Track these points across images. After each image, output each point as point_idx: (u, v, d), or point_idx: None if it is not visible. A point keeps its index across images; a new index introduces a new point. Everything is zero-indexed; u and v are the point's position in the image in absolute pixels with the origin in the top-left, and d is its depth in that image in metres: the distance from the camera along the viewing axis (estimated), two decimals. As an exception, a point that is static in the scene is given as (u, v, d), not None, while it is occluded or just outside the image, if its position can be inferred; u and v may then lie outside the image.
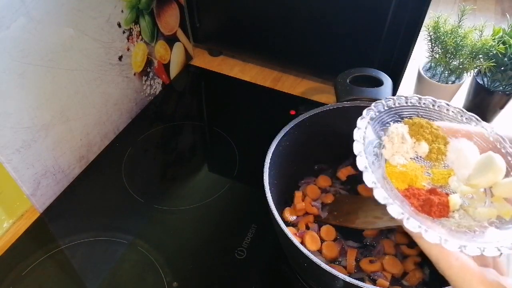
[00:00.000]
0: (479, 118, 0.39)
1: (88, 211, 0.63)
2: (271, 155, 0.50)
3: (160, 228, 0.61)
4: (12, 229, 0.61)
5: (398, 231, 0.55)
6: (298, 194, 0.58)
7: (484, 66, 0.67)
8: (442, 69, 0.73)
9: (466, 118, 0.39)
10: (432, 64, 0.74)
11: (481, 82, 0.72)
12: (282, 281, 0.55)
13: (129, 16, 0.69)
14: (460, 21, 0.68)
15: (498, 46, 0.66)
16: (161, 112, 0.80)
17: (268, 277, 0.56)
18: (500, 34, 0.68)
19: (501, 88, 0.71)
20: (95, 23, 0.62)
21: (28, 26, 0.51)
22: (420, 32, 0.66)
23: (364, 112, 0.38)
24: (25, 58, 0.52)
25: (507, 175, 0.34)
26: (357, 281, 0.39)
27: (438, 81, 0.73)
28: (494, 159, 0.34)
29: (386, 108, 0.39)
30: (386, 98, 0.39)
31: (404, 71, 0.72)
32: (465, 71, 0.71)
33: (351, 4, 0.68)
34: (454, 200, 0.35)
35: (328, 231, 0.54)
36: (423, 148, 0.38)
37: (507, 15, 0.81)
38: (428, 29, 0.69)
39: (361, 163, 0.34)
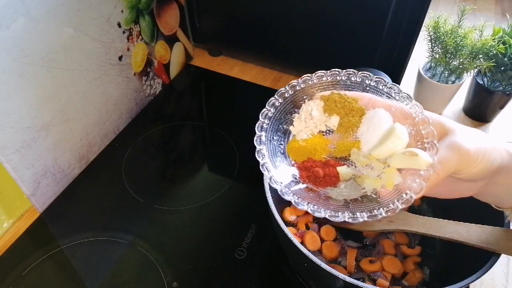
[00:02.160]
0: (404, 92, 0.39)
1: (88, 211, 0.63)
2: (271, 155, 0.50)
3: (160, 228, 0.61)
4: (12, 229, 0.61)
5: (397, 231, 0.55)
6: (298, 194, 0.58)
7: (484, 66, 0.67)
8: (442, 69, 0.73)
9: (387, 88, 0.40)
10: (432, 64, 0.74)
11: (481, 82, 0.72)
12: (282, 281, 0.55)
13: (129, 16, 0.69)
14: (460, 21, 0.68)
15: (498, 46, 0.66)
16: (161, 112, 0.80)
17: (268, 277, 0.56)
18: (500, 34, 0.68)
19: (501, 88, 0.71)
20: (95, 23, 0.62)
21: (28, 26, 0.51)
22: (420, 32, 0.66)
23: (260, 116, 0.41)
24: (25, 58, 0.52)
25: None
26: (357, 281, 0.39)
27: (438, 81, 0.73)
28: (395, 129, 0.35)
29: (302, 86, 0.42)
30: (303, 77, 0.41)
31: (404, 71, 0.72)
32: (465, 71, 0.71)
33: (351, 4, 0.68)
34: (342, 171, 0.37)
35: (328, 231, 0.54)
36: (333, 121, 0.40)
37: (507, 15, 0.81)
38: (428, 29, 0.69)
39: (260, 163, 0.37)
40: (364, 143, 0.38)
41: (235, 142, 0.73)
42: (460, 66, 0.70)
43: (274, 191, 0.49)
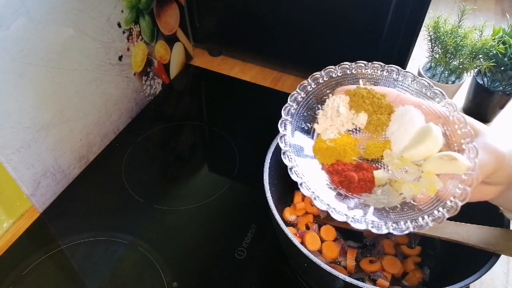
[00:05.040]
0: (439, 90, 0.36)
1: (88, 211, 0.63)
2: (271, 155, 0.50)
3: (160, 228, 0.61)
4: (12, 229, 0.61)
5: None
6: (298, 194, 0.58)
7: (484, 66, 0.67)
8: (442, 69, 0.73)
9: (417, 83, 0.37)
10: (432, 64, 0.74)
11: (481, 82, 0.72)
12: (282, 281, 0.55)
13: (129, 16, 0.69)
14: (460, 21, 0.68)
15: (498, 46, 0.66)
16: (161, 112, 0.80)
17: (268, 277, 0.56)
18: (500, 34, 0.68)
19: (501, 88, 0.71)
20: (95, 23, 0.62)
21: (28, 26, 0.51)
22: (420, 32, 0.66)
23: (282, 112, 0.37)
24: (25, 58, 0.52)
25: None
26: (357, 281, 0.39)
27: (438, 81, 0.73)
28: (432, 131, 0.32)
29: (325, 79, 0.38)
30: (326, 69, 0.38)
31: (404, 71, 0.72)
32: (465, 71, 0.71)
33: (351, 5, 0.68)
34: (379, 175, 0.34)
35: (328, 231, 0.54)
36: (361, 119, 0.36)
37: (507, 15, 0.81)
38: (428, 29, 0.69)
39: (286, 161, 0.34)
40: (394, 143, 0.35)
41: (235, 142, 0.73)
42: (460, 66, 0.70)
43: (274, 191, 0.49)
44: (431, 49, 0.72)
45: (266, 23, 0.79)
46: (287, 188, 0.58)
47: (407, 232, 0.30)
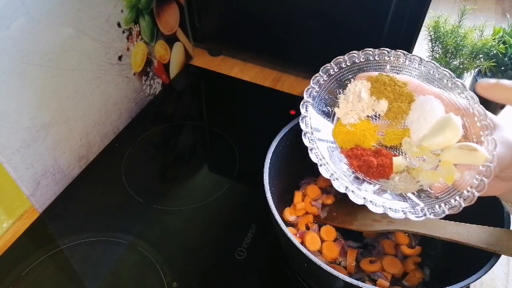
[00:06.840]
0: (460, 82, 0.37)
1: (88, 211, 0.63)
2: (271, 155, 0.50)
3: (160, 228, 0.61)
4: (12, 229, 0.61)
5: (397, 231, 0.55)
6: (298, 194, 0.58)
7: (485, 66, 0.67)
8: (442, 69, 0.73)
9: (438, 73, 0.38)
10: (432, 64, 0.74)
11: (481, 82, 0.72)
12: (282, 281, 0.55)
13: (129, 16, 0.69)
14: (460, 21, 0.68)
15: (499, 46, 0.66)
16: (161, 112, 0.80)
17: (268, 277, 0.56)
18: (501, 34, 0.68)
19: (501, 88, 0.70)
20: (95, 23, 0.61)
21: (28, 26, 0.51)
22: (420, 32, 0.66)
23: (305, 94, 0.37)
24: (25, 58, 0.52)
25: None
26: (357, 281, 0.39)
27: (438, 81, 0.73)
28: (452, 121, 0.32)
29: (348, 64, 0.38)
30: (350, 53, 0.38)
31: (404, 71, 0.72)
32: (465, 71, 0.71)
33: (351, 5, 0.68)
34: (398, 162, 0.34)
35: (328, 231, 0.54)
36: (382, 106, 0.37)
37: (507, 15, 0.81)
38: (428, 29, 0.69)
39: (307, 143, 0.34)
40: (413, 131, 0.35)
41: (235, 142, 0.73)
42: (461, 66, 0.70)
43: (274, 191, 0.49)
44: (431, 49, 0.72)
45: (266, 23, 0.79)
46: (287, 188, 0.58)
47: (423, 218, 0.30)
